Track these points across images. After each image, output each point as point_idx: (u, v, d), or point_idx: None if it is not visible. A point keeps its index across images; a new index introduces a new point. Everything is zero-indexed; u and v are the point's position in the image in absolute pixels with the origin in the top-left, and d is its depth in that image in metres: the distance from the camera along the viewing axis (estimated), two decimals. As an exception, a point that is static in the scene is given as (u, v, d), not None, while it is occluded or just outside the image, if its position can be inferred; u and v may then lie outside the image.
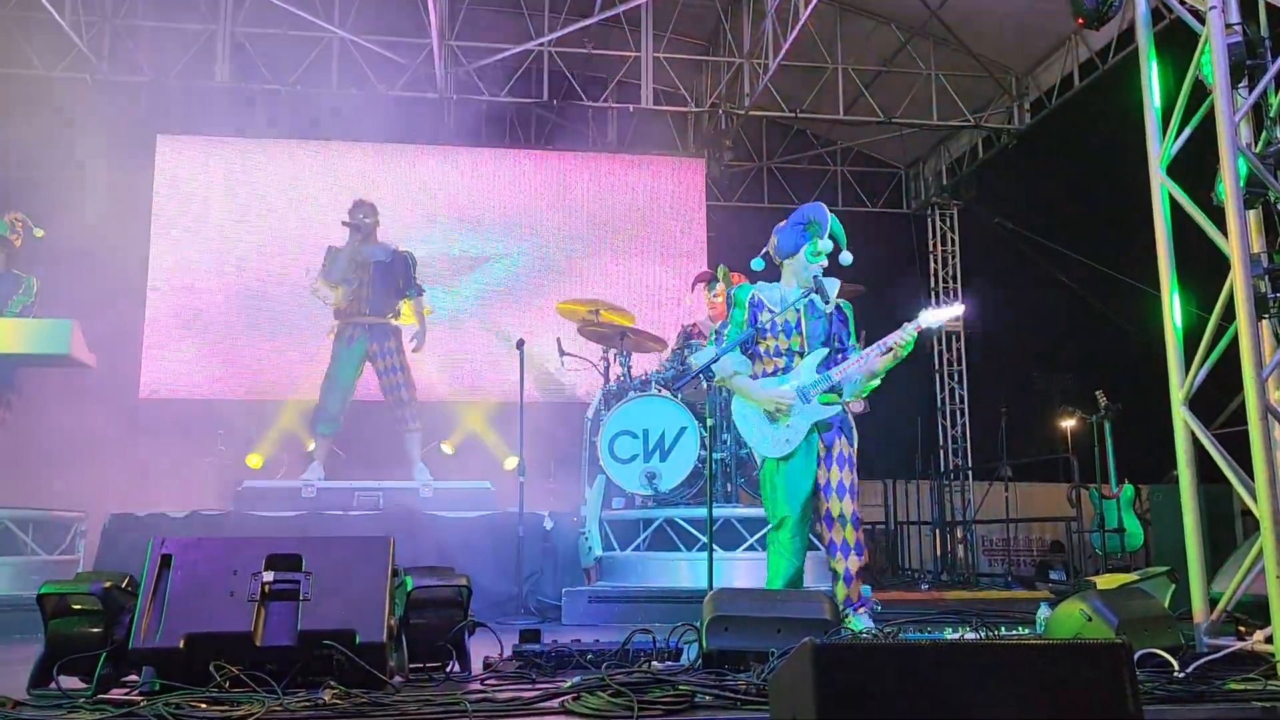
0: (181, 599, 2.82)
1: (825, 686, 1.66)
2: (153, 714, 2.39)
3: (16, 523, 5.49)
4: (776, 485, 4.07)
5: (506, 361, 9.71)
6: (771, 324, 4.13)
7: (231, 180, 9.93)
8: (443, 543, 5.90)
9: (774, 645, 2.94)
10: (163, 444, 8.59)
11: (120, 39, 9.05)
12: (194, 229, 9.83)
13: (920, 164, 11.90)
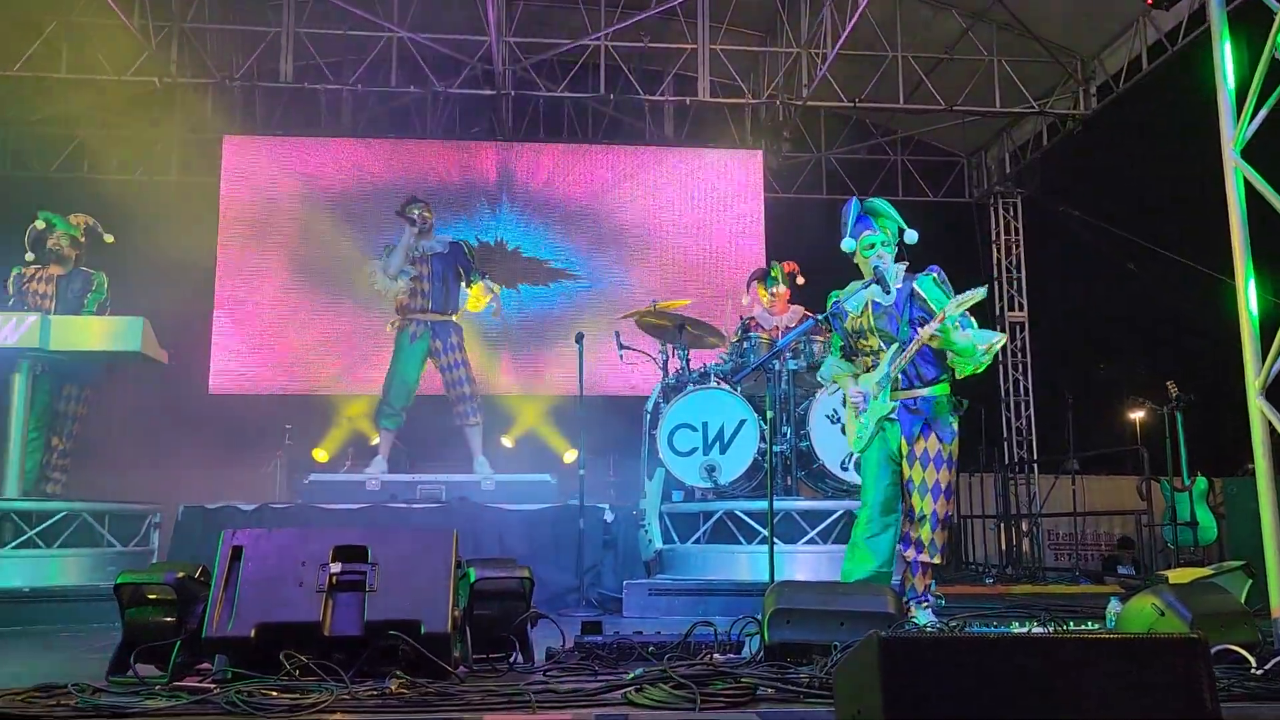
0: (252, 589, 2.88)
1: (892, 680, 1.64)
2: (225, 702, 2.45)
3: (94, 515, 5.65)
4: (862, 477, 4.21)
5: (566, 355, 9.79)
6: (852, 328, 4.22)
7: (295, 179, 10.12)
8: (504, 535, 5.95)
9: (837, 638, 2.92)
10: (231, 438, 8.81)
11: (187, 42, 9.26)
12: (260, 227, 10.04)
13: (982, 152, 11.69)
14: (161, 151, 10.55)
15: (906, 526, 4.03)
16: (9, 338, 5.33)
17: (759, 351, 6.10)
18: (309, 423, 9.04)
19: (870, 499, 4.10)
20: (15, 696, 2.55)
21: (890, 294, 4.12)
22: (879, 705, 1.65)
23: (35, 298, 6.12)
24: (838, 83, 9.47)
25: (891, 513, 4.08)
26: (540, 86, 9.89)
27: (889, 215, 4.20)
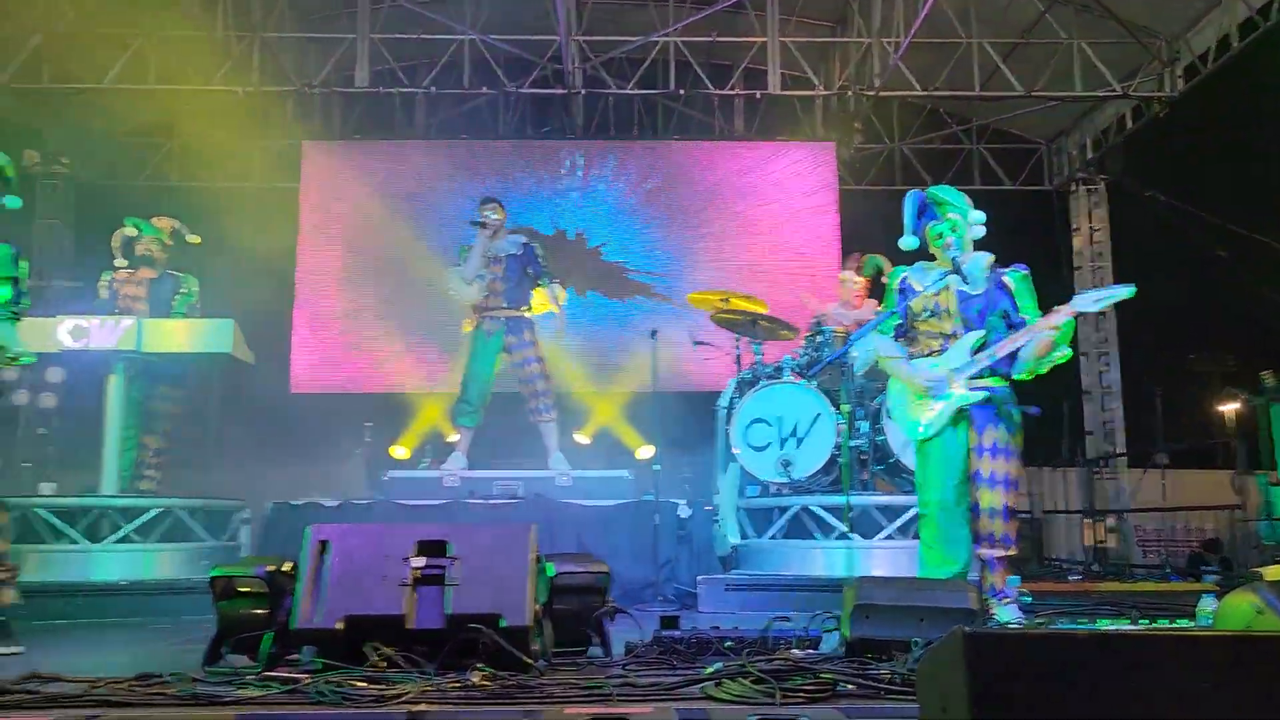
0: (338, 582, 2.95)
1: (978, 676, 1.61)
2: (315, 692, 2.51)
3: (186, 511, 5.85)
4: (926, 470, 4.01)
5: (640, 351, 9.81)
6: (922, 308, 4.06)
7: (372, 182, 10.33)
8: (580, 531, 5.99)
9: (917, 635, 2.88)
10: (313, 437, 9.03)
11: (268, 52, 9.51)
12: (338, 230, 10.27)
13: (1063, 138, 11.38)
14: (244, 158, 10.84)
15: (978, 522, 3.93)
16: (106, 340, 5.54)
17: (833, 345, 6.05)
18: (388, 420, 9.21)
19: (941, 496, 3.95)
20: (118, 685, 2.65)
21: (973, 283, 4.04)
22: (965, 703, 1.62)
23: (128, 301, 6.35)
24: (911, 71, 9.31)
25: (960, 508, 3.97)
26: (610, 84, 9.92)
27: (953, 203, 4.10)
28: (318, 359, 10.10)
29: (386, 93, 9.92)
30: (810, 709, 2.28)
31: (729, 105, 10.92)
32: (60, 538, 5.48)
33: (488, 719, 2.37)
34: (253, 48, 9.35)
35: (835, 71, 10.23)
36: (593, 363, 10.05)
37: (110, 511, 5.61)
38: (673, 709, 2.28)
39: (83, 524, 5.54)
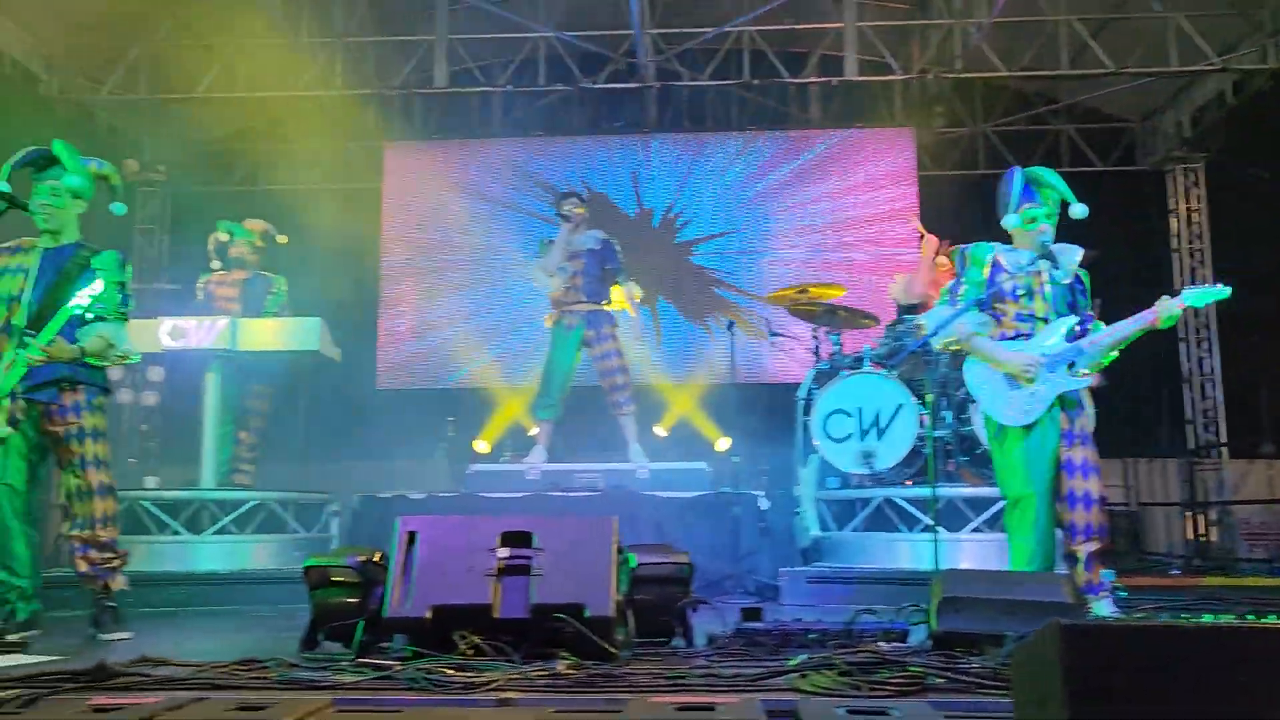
0: (427, 572, 3.02)
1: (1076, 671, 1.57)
2: (407, 678, 2.57)
3: (280, 505, 6.04)
4: (1016, 459, 3.84)
5: (717, 343, 9.80)
6: (1013, 288, 3.93)
7: (451, 180, 10.50)
8: (660, 522, 6.01)
9: (1009, 629, 2.82)
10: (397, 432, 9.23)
11: (350, 56, 9.72)
12: (420, 229, 10.47)
13: (1157, 116, 10.95)
14: (328, 161, 11.11)
15: (1068, 512, 3.80)
16: (202, 340, 5.75)
17: (914, 335, 5.94)
18: (470, 415, 9.36)
19: (1035, 487, 3.80)
20: (222, 669, 2.75)
21: (1062, 270, 3.94)
22: (1062, 698, 1.58)
23: (223, 302, 6.57)
24: (994, 51, 9.08)
25: (1052, 498, 3.84)
26: (684, 76, 9.89)
27: (1054, 186, 3.98)
28: (402, 355, 10.32)
29: (464, 92, 10.05)
30: (899, 702, 2.25)
31: (804, 93, 10.80)
32: (164, 529, 5.71)
33: (574, 707, 2.39)
34: (335, 53, 9.57)
35: (914, 54, 10.03)
36: (671, 356, 10.06)
37: (209, 504, 5.82)
38: (758, 700, 2.27)
39: (184, 516, 5.76)
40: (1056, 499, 3.84)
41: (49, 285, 3.97)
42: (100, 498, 4.04)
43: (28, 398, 3.94)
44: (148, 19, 9.27)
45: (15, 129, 4.50)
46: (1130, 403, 8.21)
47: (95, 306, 3.89)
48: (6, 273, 4.03)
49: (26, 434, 3.97)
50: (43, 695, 2.46)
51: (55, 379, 3.97)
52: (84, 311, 3.86)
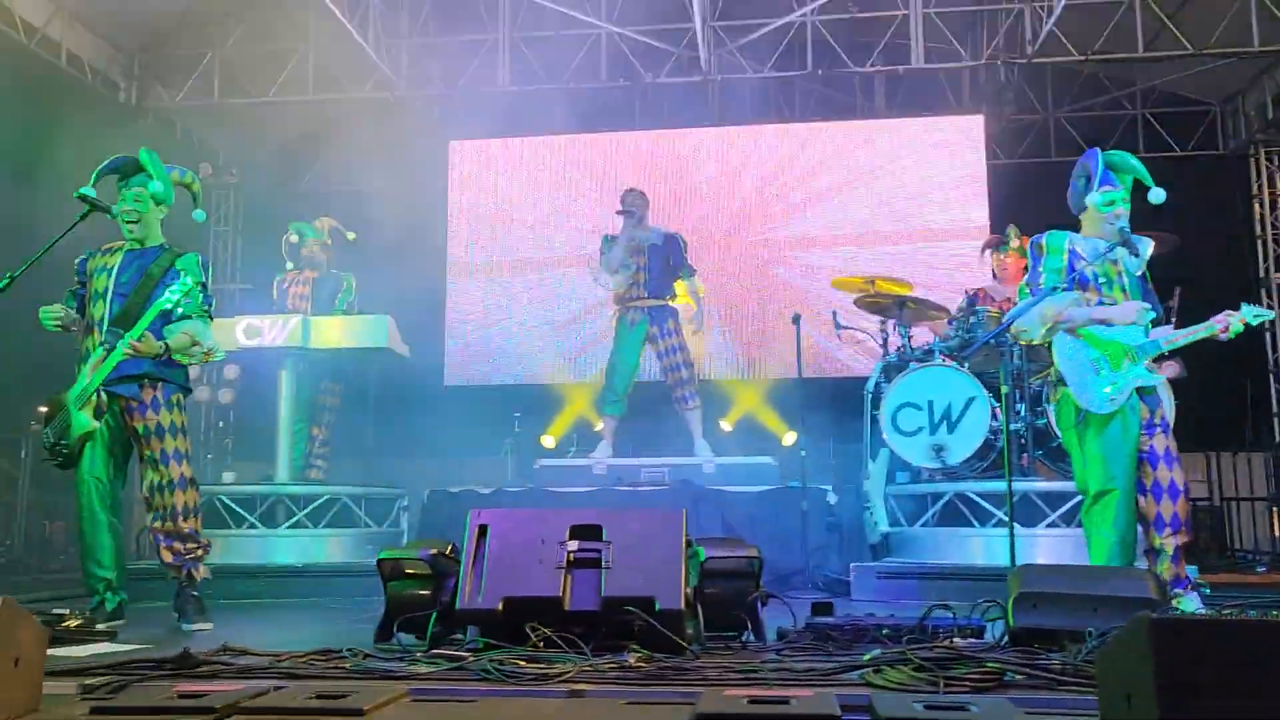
0: (498, 565, 3.04)
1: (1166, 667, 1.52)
2: (480, 669, 2.60)
3: (352, 499, 6.16)
4: (1097, 451, 3.73)
5: (783, 337, 9.72)
6: (1094, 275, 3.81)
7: (516, 178, 10.58)
8: (727, 517, 5.99)
9: (1090, 625, 2.75)
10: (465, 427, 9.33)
11: (415, 56, 9.85)
12: (485, 226, 10.57)
13: (1239, 98, 10.55)
14: (395, 160, 11.27)
15: (1155, 505, 3.69)
16: (276, 338, 5.89)
17: (987, 326, 5.82)
18: (536, 411, 9.43)
19: (1117, 478, 3.69)
20: (300, 658, 2.81)
21: (1139, 258, 3.82)
22: (1152, 696, 1.53)
23: (295, 300, 6.72)
24: (1066, 36, 8.85)
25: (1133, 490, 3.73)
26: (746, 69, 9.83)
27: (1132, 169, 3.86)
28: (468, 352, 10.43)
29: (527, 90, 10.11)
30: (978, 698, 2.20)
31: (870, 83, 10.64)
32: (241, 523, 5.86)
33: (646, 699, 2.39)
34: (401, 54, 9.70)
35: (983, 41, 9.83)
36: (736, 350, 10.02)
37: (284, 499, 5.95)
38: (832, 694, 2.24)
39: (260, 510, 5.90)
40: (1139, 492, 3.73)
41: (134, 285, 4.10)
42: (181, 490, 4.16)
43: (110, 392, 4.07)
44: (220, 26, 9.51)
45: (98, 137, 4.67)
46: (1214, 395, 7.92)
47: (182, 304, 4.00)
48: (96, 273, 4.18)
49: (111, 428, 4.11)
50: (131, 682, 2.53)
51: (137, 374, 4.09)
52: (172, 308, 3.98)
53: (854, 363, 9.40)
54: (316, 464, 6.77)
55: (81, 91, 9.05)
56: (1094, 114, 10.73)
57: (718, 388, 9.48)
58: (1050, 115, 10.76)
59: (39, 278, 3.93)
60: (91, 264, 4.23)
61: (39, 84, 8.23)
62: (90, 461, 4.07)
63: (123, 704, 2.28)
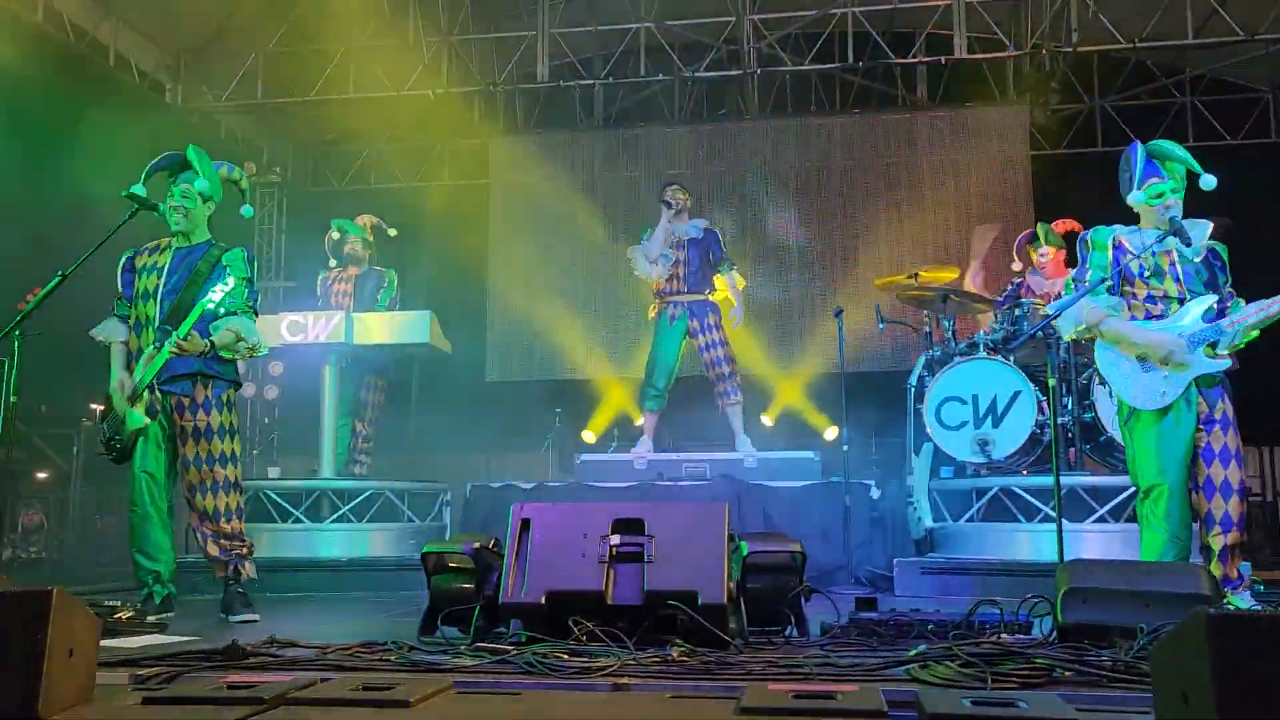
0: (541, 559, 3.05)
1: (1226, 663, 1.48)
2: (524, 662, 2.61)
3: (395, 494, 6.21)
4: (1148, 445, 3.67)
5: (824, 331, 9.66)
6: (1140, 268, 3.75)
7: (555, 174, 10.61)
8: (769, 512, 5.97)
9: (1142, 621, 2.70)
10: (506, 423, 9.39)
11: (455, 54, 9.90)
12: (526, 222, 10.62)
13: (1292, 84, 10.32)
14: (436, 158, 11.36)
15: (1206, 502, 3.62)
16: (320, 334, 5.95)
17: (1032, 319, 5.73)
18: (576, 406, 9.46)
19: (1169, 474, 3.64)
20: (345, 651, 2.84)
21: (1194, 250, 3.74)
22: (1210, 692, 1.49)
23: (338, 297, 6.78)
24: (1113, 23, 8.68)
25: (1186, 487, 3.67)
26: (786, 62, 9.76)
27: (1178, 158, 3.77)
28: (509, 347, 10.48)
29: (566, 86, 10.13)
30: (1026, 695, 2.17)
31: (911, 74, 10.53)
32: (286, 517, 5.93)
33: (690, 693, 2.38)
34: (441, 51, 9.76)
35: (1027, 29, 9.67)
36: (777, 344, 9.97)
37: (329, 493, 6.02)
38: (878, 689, 2.22)
39: (305, 505, 5.98)
40: (1194, 488, 3.65)
41: (182, 282, 4.16)
42: (225, 493, 4.22)
43: (164, 390, 4.14)
44: (263, 26, 9.62)
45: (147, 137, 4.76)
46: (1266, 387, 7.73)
47: (226, 302, 4.05)
48: (144, 271, 4.25)
49: (163, 425, 4.18)
50: (182, 673, 2.58)
51: (189, 373, 4.15)
52: (216, 306, 4.03)
53: (897, 356, 9.32)
54: (360, 459, 6.84)
55: (129, 92, 9.21)
56: (1141, 103, 10.53)
57: (759, 382, 9.45)
58: (1096, 104, 10.58)
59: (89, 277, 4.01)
60: (139, 262, 4.29)
61: (88, 86, 8.39)
62: (142, 457, 4.15)
63: (174, 694, 2.32)
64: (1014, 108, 10.08)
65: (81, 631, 2.22)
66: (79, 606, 2.22)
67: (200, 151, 4.28)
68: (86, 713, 2.18)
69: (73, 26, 8.55)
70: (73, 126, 7.35)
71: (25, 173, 7.05)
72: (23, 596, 2.10)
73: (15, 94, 7.13)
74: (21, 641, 2.05)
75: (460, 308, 9.42)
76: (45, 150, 7.29)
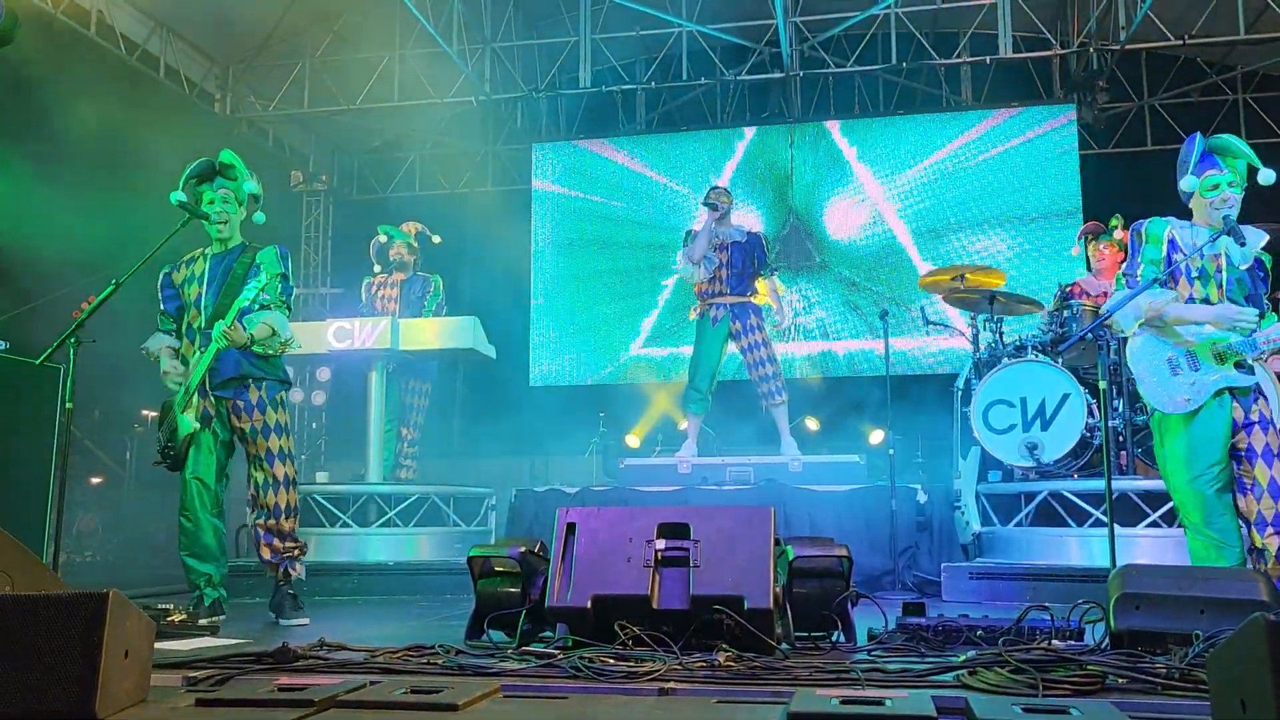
0: (587, 563, 3.06)
1: (1286, 670, 1.45)
2: (570, 666, 2.61)
3: (441, 498, 6.26)
4: (1178, 450, 3.61)
5: (870, 334, 9.59)
6: (1186, 268, 3.67)
7: (598, 178, 10.65)
8: (814, 516, 5.93)
9: (1197, 628, 2.64)
10: (550, 427, 9.43)
11: (498, 61, 9.98)
12: (569, 227, 10.66)
13: (1348, 79, 10.07)
14: (479, 164, 11.46)
15: (1255, 504, 3.53)
16: (366, 341, 6.01)
17: (1082, 320, 5.64)
18: (620, 410, 9.48)
19: (1202, 482, 3.57)
20: (394, 654, 2.87)
21: (1243, 253, 3.65)
22: (1270, 699, 1.46)
23: (384, 302, 6.86)
24: (1162, 20, 8.54)
25: (1227, 490, 3.59)
26: (829, 64, 9.71)
27: (1239, 151, 3.68)
28: (554, 352, 10.53)
29: (608, 91, 10.16)
30: (1079, 702, 2.13)
31: (955, 75, 10.42)
32: (334, 522, 6.00)
33: (736, 698, 2.37)
34: (484, 58, 9.85)
35: (1074, 28, 9.54)
36: (822, 347, 9.91)
37: (376, 498, 6.08)
38: (928, 695, 2.20)
39: (352, 510, 6.04)
40: (1239, 490, 3.58)
41: (221, 287, 4.23)
42: (285, 489, 4.30)
43: (217, 395, 4.22)
44: (309, 36, 9.79)
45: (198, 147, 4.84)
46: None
47: (261, 298, 4.12)
48: (186, 283, 4.32)
49: (216, 431, 4.25)
50: (234, 675, 2.62)
51: (238, 375, 4.23)
52: (249, 304, 4.09)
53: (943, 359, 9.23)
54: (406, 464, 6.91)
55: (179, 103, 9.40)
56: (1191, 100, 10.33)
57: (804, 385, 9.41)
58: (1145, 103, 10.40)
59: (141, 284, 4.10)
60: (177, 276, 4.37)
61: (140, 97, 8.58)
62: (194, 463, 4.22)
63: (226, 696, 2.36)
64: (1061, 107, 9.94)
65: (136, 634, 2.27)
66: (134, 609, 2.27)
67: (235, 156, 4.35)
68: (141, 713, 2.22)
69: (125, 39, 8.76)
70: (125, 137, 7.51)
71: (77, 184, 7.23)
72: (80, 599, 2.14)
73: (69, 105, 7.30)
74: (79, 643, 2.09)
75: (504, 313, 9.49)
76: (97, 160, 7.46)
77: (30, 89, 7.26)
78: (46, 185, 6.99)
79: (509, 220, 10.47)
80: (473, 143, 11.16)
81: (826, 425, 8.84)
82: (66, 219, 6.87)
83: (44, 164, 7.11)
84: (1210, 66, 10.28)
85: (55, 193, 7.04)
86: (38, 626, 2.10)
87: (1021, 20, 9.17)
